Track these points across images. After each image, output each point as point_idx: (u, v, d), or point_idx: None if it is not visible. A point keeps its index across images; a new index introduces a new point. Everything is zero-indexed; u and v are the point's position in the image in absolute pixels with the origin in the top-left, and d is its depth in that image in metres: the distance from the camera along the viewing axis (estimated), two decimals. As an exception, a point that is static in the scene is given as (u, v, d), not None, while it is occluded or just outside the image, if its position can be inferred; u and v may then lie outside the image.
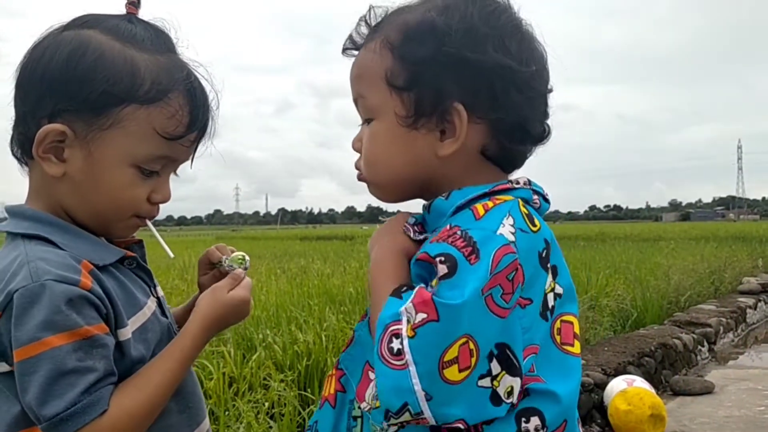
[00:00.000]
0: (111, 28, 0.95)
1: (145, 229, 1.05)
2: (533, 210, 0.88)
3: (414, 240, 0.90)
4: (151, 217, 1.02)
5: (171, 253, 1.10)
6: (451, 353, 0.73)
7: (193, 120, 0.96)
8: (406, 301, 0.75)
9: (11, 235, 0.94)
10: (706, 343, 6.22)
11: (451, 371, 0.73)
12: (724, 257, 10.94)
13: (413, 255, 0.86)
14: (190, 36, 1.01)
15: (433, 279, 0.77)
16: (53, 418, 0.82)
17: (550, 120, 0.94)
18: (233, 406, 3.19)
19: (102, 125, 0.92)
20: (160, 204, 1.01)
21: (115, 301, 0.92)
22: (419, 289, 0.76)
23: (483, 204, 0.83)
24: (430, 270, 0.79)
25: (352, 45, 0.96)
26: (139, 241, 1.06)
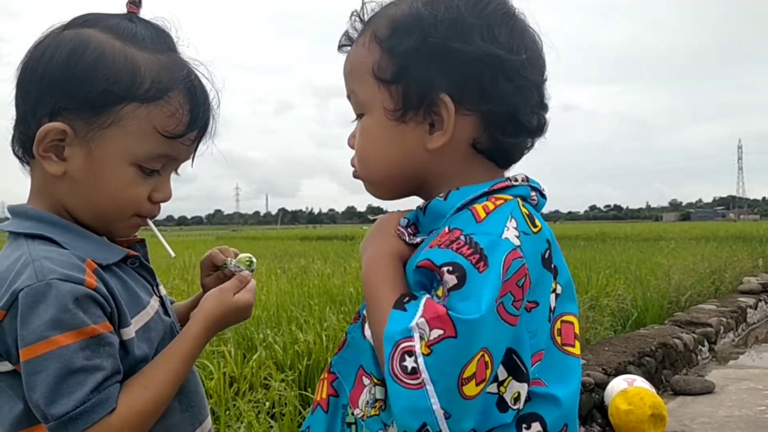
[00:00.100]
0: (111, 27, 0.95)
1: (146, 229, 1.05)
2: (532, 209, 0.85)
3: (409, 243, 0.87)
4: (153, 216, 1.01)
5: (172, 252, 1.10)
6: (470, 369, 0.70)
7: (194, 119, 0.96)
8: (413, 315, 0.72)
9: (14, 235, 0.94)
10: (706, 343, 6.22)
11: (470, 387, 0.70)
12: (724, 257, 10.93)
13: (407, 257, 0.85)
14: (190, 35, 1.01)
15: (438, 288, 0.75)
16: (62, 416, 0.82)
17: (550, 116, 0.91)
18: (234, 405, 3.19)
19: (102, 124, 0.92)
20: (161, 203, 1.00)
21: (119, 300, 0.91)
22: (428, 302, 0.73)
23: (483, 205, 0.80)
24: (431, 277, 0.77)
25: (347, 41, 0.94)
26: (142, 241, 1.06)
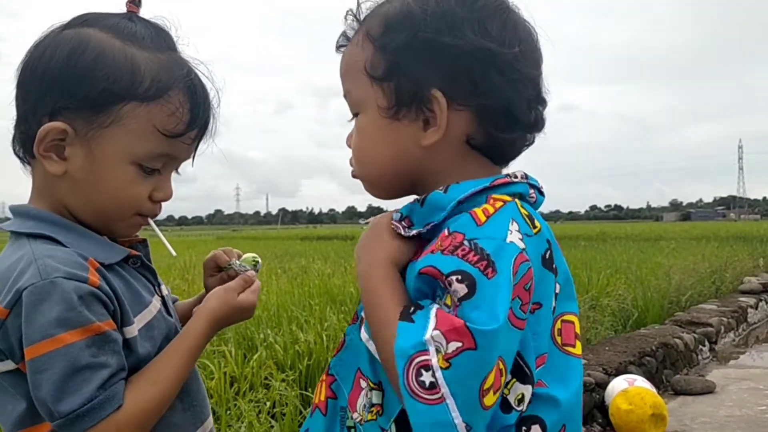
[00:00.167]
0: (111, 26, 0.95)
1: (147, 228, 1.05)
2: (531, 209, 0.84)
3: (405, 237, 0.85)
4: (154, 216, 1.01)
5: (173, 252, 1.11)
6: (490, 380, 0.69)
7: (194, 117, 0.96)
8: (423, 327, 0.70)
9: (15, 235, 0.94)
10: (707, 343, 6.22)
11: (489, 397, 0.70)
12: (725, 257, 10.92)
13: (403, 262, 0.83)
14: (190, 35, 1.01)
15: (444, 296, 0.73)
16: (70, 414, 0.82)
17: (551, 116, 0.90)
18: (234, 405, 3.19)
19: (102, 123, 0.92)
20: (161, 202, 1.00)
21: (122, 299, 0.92)
22: (440, 313, 0.71)
23: (482, 208, 0.79)
24: (433, 284, 0.76)
25: (345, 41, 0.93)
26: (143, 241, 1.06)
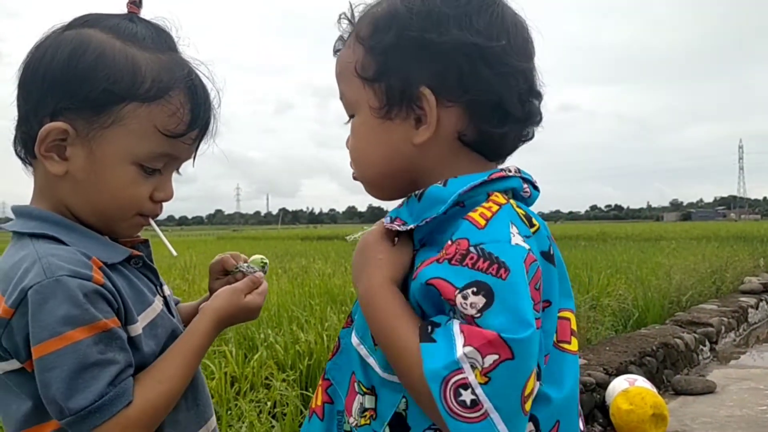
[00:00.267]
0: (112, 27, 0.95)
1: (148, 228, 1.05)
2: (526, 207, 0.84)
3: (397, 246, 0.85)
4: (155, 216, 1.02)
5: (174, 252, 1.11)
6: (530, 385, 0.70)
7: (194, 118, 0.97)
8: (450, 344, 0.69)
9: (18, 235, 0.94)
10: (707, 343, 6.22)
11: (529, 402, 0.70)
12: (725, 257, 10.92)
13: (400, 276, 0.83)
14: (190, 35, 1.01)
15: (460, 309, 0.72)
16: (81, 411, 0.83)
17: (550, 116, 0.90)
18: (235, 405, 3.20)
19: (103, 123, 0.92)
20: (162, 202, 1.01)
21: (125, 298, 0.92)
22: (466, 328, 0.69)
23: (479, 213, 0.78)
24: (440, 296, 0.74)
25: (341, 45, 0.94)
26: (145, 241, 1.06)
